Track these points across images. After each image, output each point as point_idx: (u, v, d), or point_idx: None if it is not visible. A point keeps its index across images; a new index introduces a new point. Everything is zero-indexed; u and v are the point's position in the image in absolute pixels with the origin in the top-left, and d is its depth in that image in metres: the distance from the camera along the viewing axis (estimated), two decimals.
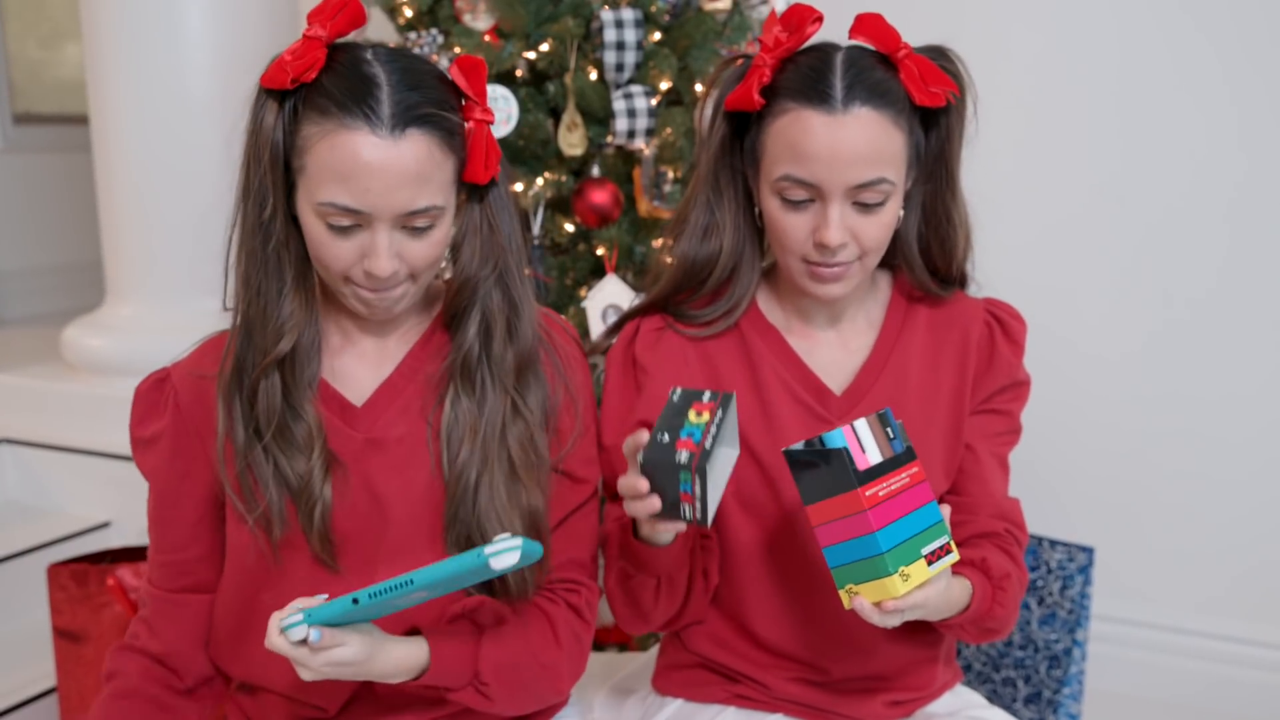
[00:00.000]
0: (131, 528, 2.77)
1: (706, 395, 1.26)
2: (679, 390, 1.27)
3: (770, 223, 1.40)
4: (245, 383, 1.31)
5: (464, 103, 1.28)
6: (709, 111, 1.45)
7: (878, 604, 1.21)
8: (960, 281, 1.52)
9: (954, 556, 1.25)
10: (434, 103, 1.22)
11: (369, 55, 1.24)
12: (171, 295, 2.89)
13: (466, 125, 1.27)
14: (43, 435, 2.95)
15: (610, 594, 1.46)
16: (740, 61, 1.43)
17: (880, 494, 1.20)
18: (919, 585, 1.22)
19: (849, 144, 1.31)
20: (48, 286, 4.54)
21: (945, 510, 1.28)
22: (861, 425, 1.22)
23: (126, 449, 2.73)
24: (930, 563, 1.22)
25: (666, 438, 1.21)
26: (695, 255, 1.47)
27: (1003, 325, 1.50)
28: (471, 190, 1.32)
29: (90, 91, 2.94)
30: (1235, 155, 2.52)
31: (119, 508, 2.81)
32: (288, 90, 1.23)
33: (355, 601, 1.12)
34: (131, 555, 2.27)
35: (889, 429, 1.24)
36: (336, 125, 1.19)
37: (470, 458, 1.32)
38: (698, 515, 1.21)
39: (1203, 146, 2.54)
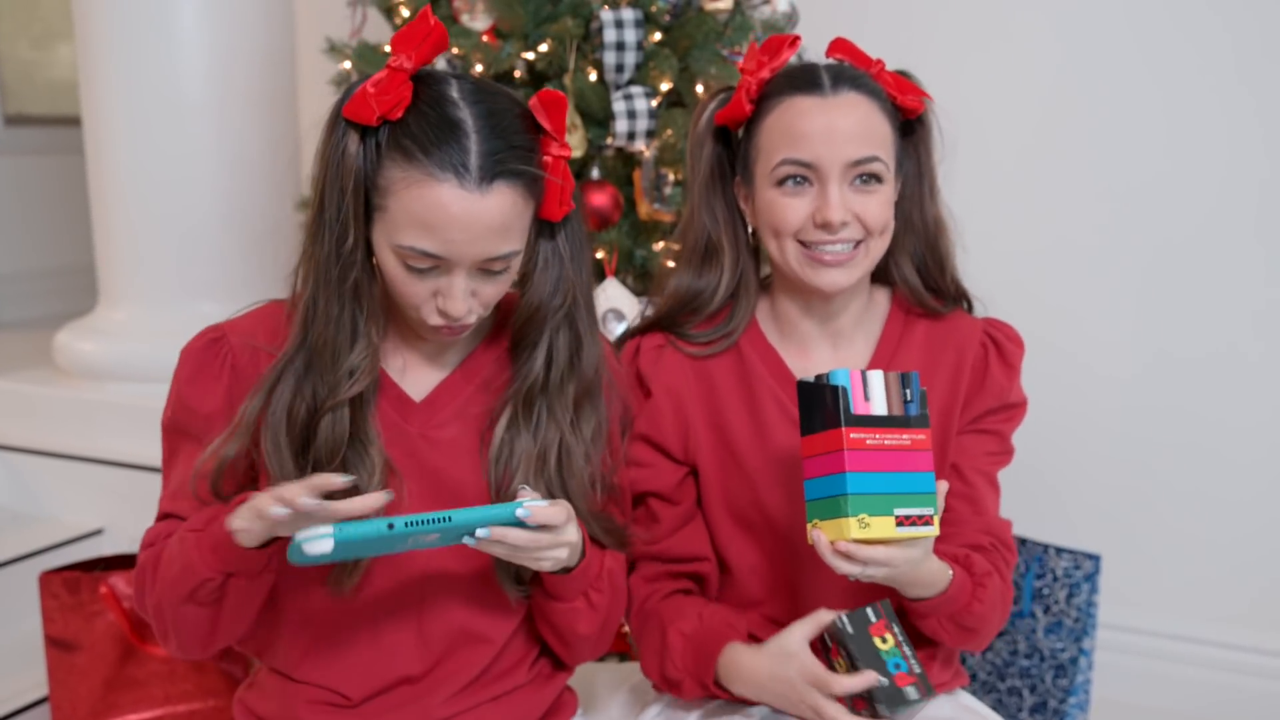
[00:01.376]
0: (124, 535, 2.77)
1: (870, 612, 1.34)
2: (843, 616, 1.33)
3: (768, 214, 1.43)
4: (298, 412, 1.31)
5: (543, 137, 1.29)
6: (697, 138, 1.51)
7: (833, 543, 1.25)
8: (961, 298, 1.56)
9: (932, 530, 1.28)
10: (521, 151, 1.25)
11: (454, 94, 1.25)
12: (165, 299, 2.89)
13: (545, 160, 1.29)
14: (34, 441, 2.94)
15: (648, 668, 1.52)
16: (725, 90, 1.51)
17: (867, 441, 1.25)
18: (881, 540, 1.25)
19: (842, 120, 1.38)
20: (39, 290, 4.54)
21: (943, 486, 1.32)
22: (875, 375, 1.28)
23: (120, 455, 2.77)
24: (900, 524, 1.26)
25: (886, 681, 1.30)
26: (691, 285, 1.52)
27: (998, 347, 1.52)
28: (544, 223, 1.34)
29: (83, 93, 2.94)
30: (1253, 167, 2.52)
31: (112, 514, 2.81)
32: (371, 125, 1.24)
33: (390, 527, 1.14)
34: (125, 563, 2.27)
35: (908, 390, 1.29)
36: (423, 175, 1.21)
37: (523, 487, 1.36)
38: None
39: (1221, 158, 2.54)
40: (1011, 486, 1.58)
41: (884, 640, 1.32)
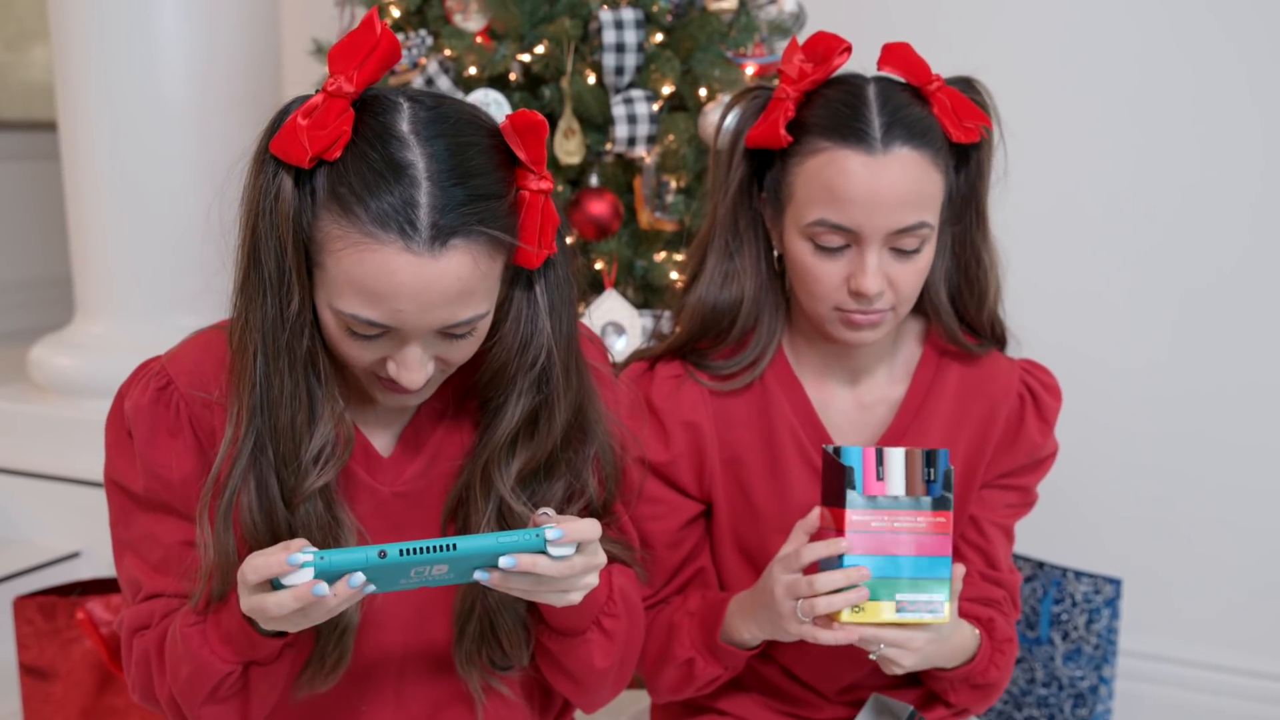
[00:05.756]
0: (102, 558, 2.76)
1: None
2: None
3: (798, 269, 1.38)
4: (272, 508, 1.17)
5: (518, 169, 1.12)
6: (724, 147, 1.44)
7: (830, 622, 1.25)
8: (996, 336, 1.52)
9: (941, 616, 1.25)
10: (483, 199, 1.08)
11: (404, 126, 1.08)
12: (145, 312, 2.89)
13: (521, 195, 1.12)
14: (8, 460, 2.94)
15: (653, 673, 1.48)
16: (757, 93, 1.42)
17: (872, 524, 1.23)
18: (878, 624, 1.24)
19: (891, 187, 1.29)
20: (14, 303, 4.53)
21: (959, 570, 1.28)
22: (895, 454, 1.24)
23: (97, 475, 2.74)
24: (902, 609, 1.24)
25: None
26: (715, 302, 1.45)
27: (1035, 400, 1.49)
28: (519, 271, 1.17)
29: (59, 96, 2.94)
30: (1257, 158, 2.52)
31: (89, 537, 2.80)
32: (304, 167, 1.07)
33: (382, 555, 1.03)
34: (102, 587, 2.26)
35: (931, 469, 1.24)
36: (363, 235, 1.05)
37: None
38: None
39: (1224, 149, 2.54)
40: None
41: None
